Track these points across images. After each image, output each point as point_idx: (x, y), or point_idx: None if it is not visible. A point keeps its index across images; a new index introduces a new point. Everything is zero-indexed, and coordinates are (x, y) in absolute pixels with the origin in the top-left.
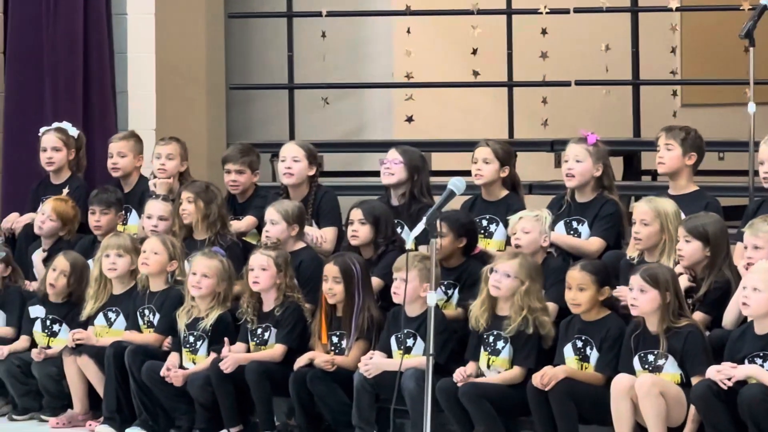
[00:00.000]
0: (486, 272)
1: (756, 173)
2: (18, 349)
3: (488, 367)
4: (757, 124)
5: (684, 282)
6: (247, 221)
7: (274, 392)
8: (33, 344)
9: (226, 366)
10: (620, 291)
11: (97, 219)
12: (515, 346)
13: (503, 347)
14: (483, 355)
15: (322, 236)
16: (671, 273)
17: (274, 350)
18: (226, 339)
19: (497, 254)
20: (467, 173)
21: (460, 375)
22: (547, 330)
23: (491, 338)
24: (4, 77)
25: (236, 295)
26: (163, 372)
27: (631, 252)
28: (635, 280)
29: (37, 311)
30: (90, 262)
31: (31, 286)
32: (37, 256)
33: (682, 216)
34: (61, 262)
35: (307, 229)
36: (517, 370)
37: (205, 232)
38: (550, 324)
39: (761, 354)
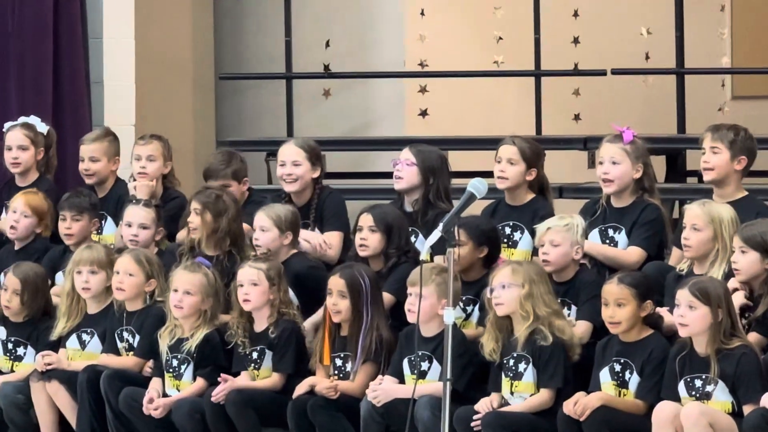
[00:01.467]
0: (485, 295)
1: None
2: None
3: (512, 393)
4: (718, 112)
5: (739, 299)
6: None
7: (267, 423)
8: None
9: (218, 396)
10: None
11: (68, 226)
12: (536, 364)
13: (525, 368)
14: (505, 382)
15: (326, 242)
16: (724, 288)
17: (272, 380)
18: (224, 376)
19: (499, 268)
20: (489, 174)
21: (484, 405)
22: (568, 335)
23: (511, 361)
24: None
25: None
26: (145, 402)
27: (677, 262)
28: (683, 295)
29: None
30: (60, 274)
31: None
32: None
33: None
34: (10, 279)
35: (309, 234)
36: (544, 394)
37: (213, 249)
38: (570, 328)
39: None
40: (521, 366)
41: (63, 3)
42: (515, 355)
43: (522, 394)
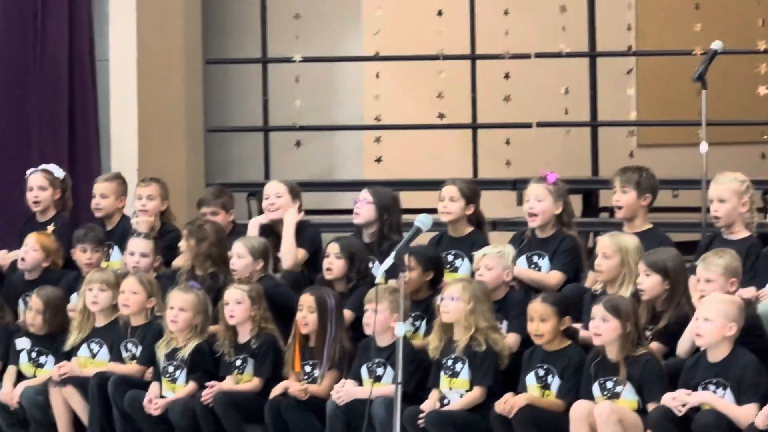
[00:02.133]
0: (437, 302)
1: (708, 210)
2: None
3: (449, 389)
4: (709, 163)
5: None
6: None
7: (248, 420)
8: (20, 375)
9: (206, 397)
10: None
11: (89, 257)
12: (471, 366)
13: (461, 368)
14: (444, 379)
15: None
16: (632, 304)
17: (252, 383)
18: (211, 383)
19: (448, 284)
20: (434, 210)
21: (428, 405)
22: (500, 347)
23: (449, 362)
24: None
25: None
26: (146, 403)
27: (592, 284)
28: (598, 309)
29: (22, 344)
30: (75, 295)
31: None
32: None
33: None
34: (35, 301)
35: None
36: (477, 391)
37: (199, 269)
38: (503, 342)
39: (714, 381)
40: (458, 366)
41: (76, 67)
42: (454, 356)
43: (458, 390)
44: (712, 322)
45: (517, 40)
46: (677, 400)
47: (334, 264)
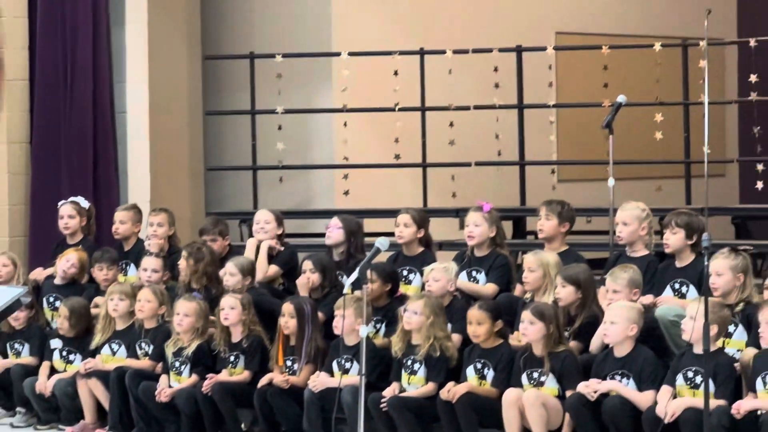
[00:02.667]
0: (401, 312)
1: (614, 233)
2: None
3: (408, 383)
4: (615, 195)
5: None
6: None
7: (240, 405)
8: (53, 369)
9: (206, 387)
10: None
11: (105, 274)
12: (428, 366)
13: (419, 368)
14: (404, 376)
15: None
16: (554, 309)
17: (244, 375)
18: (209, 375)
19: (410, 300)
20: (391, 234)
21: (389, 391)
22: (451, 353)
23: (409, 362)
24: (30, 162)
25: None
26: (156, 392)
27: (521, 294)
28: (526, 314)
29: (55, 343)
30: (98, 299)
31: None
32: None
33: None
34: (62, 309)
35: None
36: (430, 386)
37: (196, 284)
38: (454, 348)
39: (619, 372)
40: (416, 366)
41: (99, 118)
42: (413, 358)
43: (415, 384)
44: (617, 324)
45: (459, 95)
46: (590, 388)
47: (310, 277)
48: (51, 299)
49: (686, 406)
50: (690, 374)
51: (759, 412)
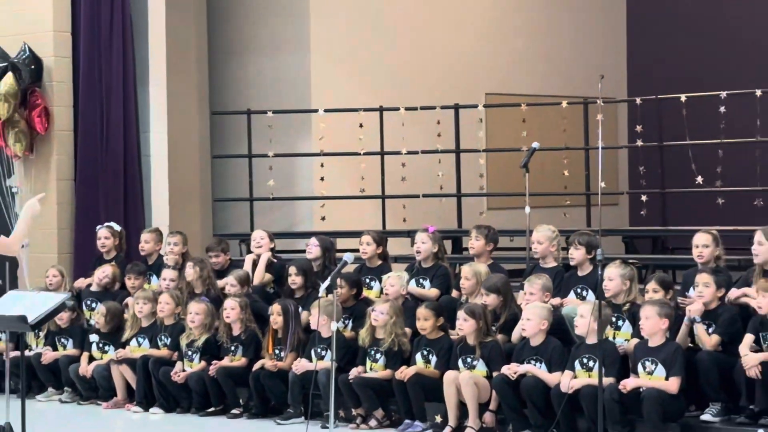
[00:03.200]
0: (369, 311)
1: (530, 249)
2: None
3: (371, 369)
4: (531, 219)
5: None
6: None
7: (238, 385)
8: (91, 358)
9: (212, 371)
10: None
11: (132, 283)
12: (387, 357)
13: (380, 358)
14: (368, 363)
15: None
16: (483, 309)
17: (242, 361)
18: (215, 361)
19: (376, 300)
20: (357, 251)
21: (354, 372)
22: (406, 347)
23: (373, 352)
24: (74, 195)
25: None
26: (173, 374)
27: (459, 297)
28: (461, 313)
29: (93, 338)
30: (129, 299)
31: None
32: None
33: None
34: (100, 309)
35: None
36: (389, 371)
37: (200, 288)
38: (408, 343)
39: (534, 358)
40: (378, 356)
41: (128, 160)
42: (377, 349)
43: (376, 370)
44: (532, 320)
45: (411, 142)
46: (511, 370)
47: (295, 280)
48: (89, 302)
49: (584, 384)
50: (585, 360)
51: (641, 389)
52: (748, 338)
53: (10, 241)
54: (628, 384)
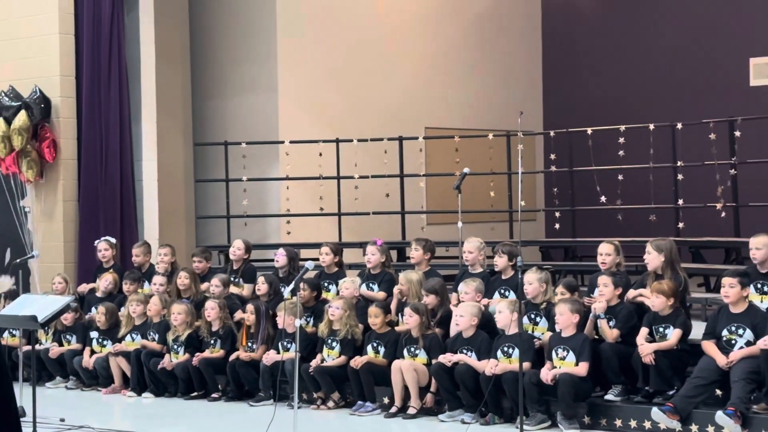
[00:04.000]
0: (327, 308)
1: (462, 258)
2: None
3: (327, 356)
4: (463, 233)
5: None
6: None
7: (217, 373)
8: (92, 352)
9: (195, 361)
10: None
11: (128, 287)
12: (342, 345)
13: (336, 346)
14: (326, 351)
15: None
16: (425, 307)
17: (220, 353)
18: (197, 353)
19: (333, 300)
20: (317, 259)
21: (314, 363)
22: (358, 336)
23: (330, 341)
24: (78, 214)
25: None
26: (161, 365)
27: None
28: (407, 310)
29: (93, 334)
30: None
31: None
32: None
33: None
34: (101, 309)
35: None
36: (344, 358)
37: (189, 292)
38: (360, 333)
39: (466, 348)
40: (334, 344)
41: (124, 186)
42: (333, 339)
43: (332, 356)
44: (464, 317)
45: (361, 168)
46: (446, 358)
47: (262, 288)
48: (96, 306)
49: (506, 369)
50: (506, 348)
51: (555, 375)
52: (644, 331)
53: None
54: (549, 375)
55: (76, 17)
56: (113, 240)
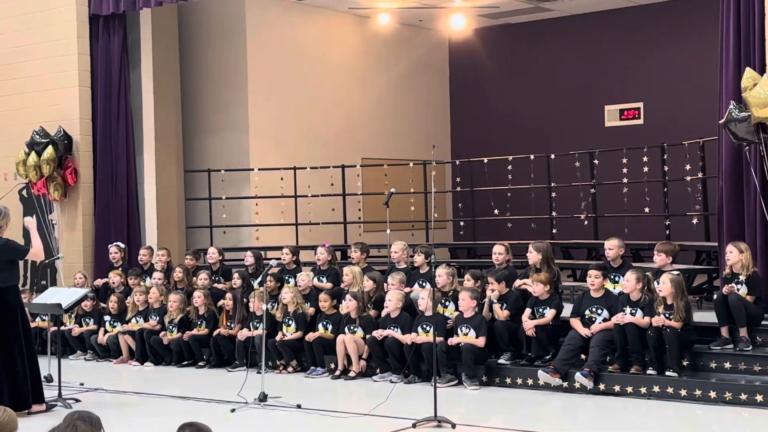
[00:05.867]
0: (281, 295)
1: (390, 256)
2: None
3: (286, 332)
4: (391, 237)
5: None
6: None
7: (202, 346)
8: (105, 331)
9: (185, 338)
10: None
11: (133, 281)
12: (296, 321)
13: (292, 323)
14: (284, 327)
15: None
16: (362, 293)
17: (204, 331)
18: (187, 332)
19: (285, 288)
20: (279, 258)
21: (278, 338)
22: (307, 312)
23: (287, 320)
24: (94, 224)
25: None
26: (164, 337)
27: (344, 286)
28: (348, 297)
29: (107, 318)
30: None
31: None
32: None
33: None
34: (112, 298)
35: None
36: (299, 333)
37: (183, 283)
38: (307, 310)
39: (393, 325)
40: (290, 322)
41: (130, 206)
42: (289, 317)
43: (290, 332)
44: (392, 301)
45: (314, 189)
46: (378, 333)
47: (237, 282)
48: (105, 294)
49: (424, 341)
50: (425, 326)
51: (461, 344)
52: (527, 311)
53: (36, 250)
54: (453, 340)
55: (92, 74)
56: (122, 245)
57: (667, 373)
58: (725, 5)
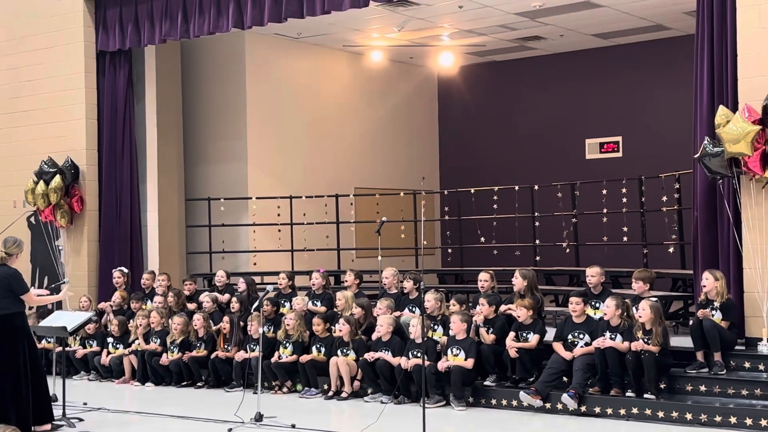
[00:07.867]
0: (284, 319)
1: (381, 282)
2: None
3: (283, 354)
4: (383, 264)
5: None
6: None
7: (201, 367)
8: (108, 353)
9: (185, 359)
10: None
11: (135, 305)
12: (294, 346)
13: (289, 346)
14: (281, 350)
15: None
16: (354, 318)
17: (203, 353)
18: (187, 353)
19: (287, 313)
20: (276, 283)
21: (274, 359)
22: (305, 339)
23: (285, 343)
24: (99, 250)
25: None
26: (161, 361)
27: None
28: (341, 321)
29: (110, 340)
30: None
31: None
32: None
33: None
34: (114, 322)
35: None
36: (295, 356)
37: (177, 307)
38: (307, 337)
39: (384, 348)
40: (288, 345)
41: (134, 229)
42: (287, 341)
43: (287, 354)
44: (383, 326)
45: (309, 216)
46: (370, 355)
47: (235, 306)
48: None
49: (414, 364)
50: (415, 352)
51: (449, 366)
52: (511, 335)
53: (36, 300)
54: (443, 366)
55: (98, 107)
56: (125, 269)
57: (646, 395)
58: (699, 46)
